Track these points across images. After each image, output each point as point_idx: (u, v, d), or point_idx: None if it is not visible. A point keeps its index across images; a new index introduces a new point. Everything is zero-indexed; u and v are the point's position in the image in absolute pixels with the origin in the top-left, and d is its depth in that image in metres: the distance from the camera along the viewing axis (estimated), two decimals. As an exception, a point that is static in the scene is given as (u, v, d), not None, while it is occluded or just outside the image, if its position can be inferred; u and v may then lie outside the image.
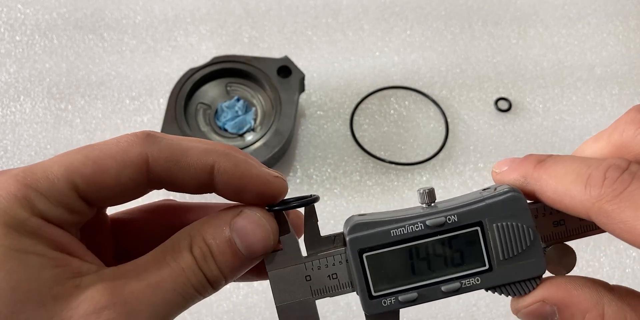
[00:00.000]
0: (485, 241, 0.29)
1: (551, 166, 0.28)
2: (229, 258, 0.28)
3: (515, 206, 0.29)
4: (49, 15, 0.80)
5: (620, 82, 0.78)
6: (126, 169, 0.27)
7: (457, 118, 0.75)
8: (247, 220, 0.29)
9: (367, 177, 0.71)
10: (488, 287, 0.30)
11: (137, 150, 0.27)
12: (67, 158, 0.27)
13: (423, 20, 0.81)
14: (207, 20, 0.80)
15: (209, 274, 0.28)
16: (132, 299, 0.26)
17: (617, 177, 0.25)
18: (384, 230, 0.30)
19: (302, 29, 0.80)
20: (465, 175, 0.72)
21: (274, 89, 0.68)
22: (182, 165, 0.28)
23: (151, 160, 0.28)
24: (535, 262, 0.29)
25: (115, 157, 0.27)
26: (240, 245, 0.28)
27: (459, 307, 0.63)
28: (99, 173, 0.27)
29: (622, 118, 0.29)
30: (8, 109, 0.74)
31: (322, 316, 0.65)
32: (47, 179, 0.26)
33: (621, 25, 0.81)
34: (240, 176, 0.29)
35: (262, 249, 0.29)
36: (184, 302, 0.28)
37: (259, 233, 0.29)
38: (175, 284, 0.27)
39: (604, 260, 0.66)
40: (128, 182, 0.28)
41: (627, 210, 0.24)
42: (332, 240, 0.31)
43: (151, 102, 0.74)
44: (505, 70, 0.78)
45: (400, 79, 0.77)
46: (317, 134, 0.73)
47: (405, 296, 0.30)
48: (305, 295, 0.31)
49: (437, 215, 0.29)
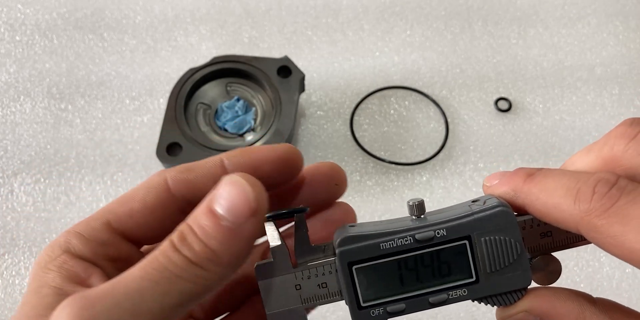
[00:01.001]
0: (473, 254, 0.30)
1: (541, 180, 0.28)
2: (213, 228, 0.26)
3: (503, 221, 0.29)
4: (49, 15, 0.80)
5: (621, 82, 0.78)
6: (150, 192, 0.30)
7: (457, 118, 0.75)
8: (222, 184, 0.27)
9: (367, 177, 0.71)
10: (474, 298, 0.31)
11: (157, 177, 0.31)
12: (108, 204, 0.31)
13: (423, 20, 0.81)
14: (207, 20, 0.80)
15: (189, 251, 0.26)
16: (93, 297, 0.25)
17: (606, 192, 0.25)
18: (374, 243, 0.30)
19: (302, 29, 0.80)
20: (465, 175, 0.72)
21: (274, 89, 0.68)
22: (196, 169, 0.30)
23: (169, 178, 0.30)
24: (521, 275, 0.30)
25: (140, 187, 0.31)
26: (221, 210, 0.26)
27: (459, 307, 0.63)
28: (127, 203, 0.30)
29: (613, 132, 0.29)
30: (8, 109, 0.74)
31: (322, 316, 0.65)
32: (86, 222, 0.30)
33: (621, 25, 0.81)
34: (247, 154, 0.30)
35: (246, 207, 0.26)
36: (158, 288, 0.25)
37: (235, 190, 0.26)
38: (142, 270, 0.26)
39: (604, 260, 0.66)
40: (155, 203, 0.30)
41: (616, 225, 0.24)
42: (322, 250, 0.31)
43: (151, 102, 0.74)
44: (505, 70, 0.78)
45: (400, 79, 0.77)
46: (317, 134, 0.73)
47: (393, 307, 0.30)
48: (296, 303, 0.31)
49: (426, 229, 0.30)
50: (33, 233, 0.67)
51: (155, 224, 0.30)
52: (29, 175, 0.70)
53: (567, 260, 0.66)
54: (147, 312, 0.25)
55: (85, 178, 0.70)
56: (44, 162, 0.71)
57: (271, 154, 0.31)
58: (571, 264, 0.66)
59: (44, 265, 0.29)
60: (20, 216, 0.68)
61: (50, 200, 0.69)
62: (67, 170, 0.70)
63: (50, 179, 0.70)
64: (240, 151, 0.31)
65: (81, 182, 0.70)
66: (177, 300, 0.26)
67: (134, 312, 0.25)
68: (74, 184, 0.70)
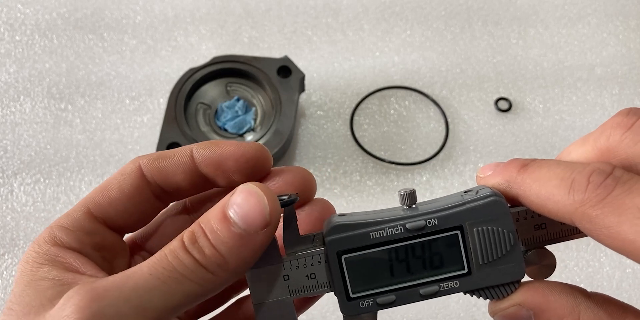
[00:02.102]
0: (465, 245, 0.29)
1: (535, 170, 0.28)
2: (225, 233, 0.27)
3: (496, 211, 0.29)
4: (49, 15, 0.80)
5: (621, 82, 0.78)
6: (125, 179, 0.31)
7: (457, 118, 0.75)
8: (239, 192, 0.28)
9: (367, 177, 0.71)
10: (466, 290, 0.30)
11: (131, 164, 0.32)
12: (87, 195, 0.32)
13: (423, 20, 0.81)
14: (207, 20, 0.80)
15: (199, 254, 0.27)
16: (102, 290, 0.25)
17: (601, 182, 0.25)
18: (364, 232, 0.29)
19: (302, 29, 0.80)
20: (465, 175, 0.72)
21: (274, 89, 0.68)
22: (168, 158, 0.31)
23: (143, 165, 0.31)
24: (515, 267, 0.29)
25: (116, 175, 0.32)
26: (235, 217, 0.27)
27: (459, 307, 0.63)
28: (105, 191, 0.31)
29: (609, 122, 0.28)
30: (8, 109, 0.74)
31: (322, 316, 0.65)
32: (67, 214, 0.31)
33: (621, 25, 0.81)
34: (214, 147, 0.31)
35: (260, 219, 0.27)
36: (165, 287, 0.26)
37: (253, 200, 0.27)
38: (151, 268, 0.26)
39: (604, 260, 0.66)
40: (131, 189, 0.31)
41: (611, 215, 0.24)
42: (312, 240, 0.31)
43: (151, 102, 0.74)
44: (505, 70, 0.78)
45: (400, 79, 0.77)
46: (317, 134, 0.73)
47: (383, 298, 0.30)
48: (283, 294, 0.30)
49: (417, 218, 0.29)
50: (33, 233, 0.67)
51: (133, 210, 0.31)
52: (29, 175, 0.70)
53: (567, 260, 0.66)
54: (152, 309, 0.25)
55: (85, 178, 0.70)
56: (44, 162, 0.70)
57: (237, 151, 0.31)
58: (571, 264, 0.66)
59: (33, 261, 0.29)
60: (20, 216, 0.68)
61: (50, 200, 0.69)
62: (67, 170, 0.70)
63: (50, 179, 0.70)
64: (209, 144, 0.31)
65: (81, 182, 0.70)
66: (182, 300, 0.26)
67: (139, 308, 0.25)
68: (73, 184, 0.70)
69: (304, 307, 0.34)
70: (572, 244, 0.67)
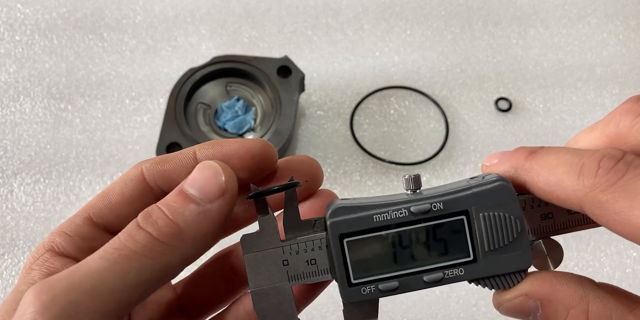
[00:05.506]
0: (471, 231, 0.28)
1: (543, 157, 0.27)
2: (181, 204, 0.27)
3: (503, 196, 0.28)
4: (48, 15, 0.80)
5: (621, 82, 0.78)
6: (127, 184, 0.31)
7: (457, 118, 0.75)
8: (196, 169, 0.28)
9: (367, 177, 0.71)
10: (471, 279, 0.29)
11: (134, 168, 0.31)
12: (90, 200, 0.32)
13: (423, 20, 0.81)
14: (207, 20, 0.80)
15: (152, 227, 0.27)
16: (52, 281, 0.25)
17: (612, 167, 0.24)
18: (367, 215, 0.28)
19: (302, 29, 0.80)
20: (465, 175, 0.71)
21: (274, 89, 0.68)
22: (170, 161, 0.31)
23: (145, 169, 0.31)
24: (521, 255, 0.28)
25: (118, 180, 0.31)
26: (191, 189, 0.27)
27: (459, 307, 0.63)
28: (106, 196, 0.31)
29: (618, 108, 0.28)
30: (8, 109, 0.74)
31: (322, 316, 0.65)
32: (70, 220, 0.31)
33: (621, 25, 0.81)
34: (218, 146, 0.31)
35: (216, 186, 0.27)
36: (116, 266, 0.25)
37: (208, 172, 0.28)
38: (101, 251, 0.26)
39: (605, 260, 0.66)
40: (132, 194, 0.31)
41: (622, 200, 0.23)
42: (313, 225, 0.30)
43: (151, 102, 0.74)
44: (505, 70, 0.78)
45: (400, 79, 0.77)
46: (317, 134, 0.73)
47: (385, 285, 0.29)
48: (282, 280, 0.29)
49: (422, 201, 0.28)
50: (33, 233, 0.67)
51: (134, 215, 0.30)
52: (29, 175, 0.70)
53: (567, 260, 0.66)
54: (107, 292, 0.25)
55: (85, 178, 0.70)
56: (44, 162, 0.70)
57: (241, 148, 0.31)
58: (571, 264, 0.66)
59: (28, 266, 0.29)
60: (20, 216, 0.68)
61: (50, 200, 0.69)
62: (66, 170, 0.70)
63: (50, 179, 0.70)
64: (211, 143, 0.31)
65: (81, 182, 0.70)
66: (138, 278, 0.26)
67: (93, 292, 0.25)
68: (73, 184, 0.70)
69: (302, 304, 0.33)
70: (572, 244, 0.67)
